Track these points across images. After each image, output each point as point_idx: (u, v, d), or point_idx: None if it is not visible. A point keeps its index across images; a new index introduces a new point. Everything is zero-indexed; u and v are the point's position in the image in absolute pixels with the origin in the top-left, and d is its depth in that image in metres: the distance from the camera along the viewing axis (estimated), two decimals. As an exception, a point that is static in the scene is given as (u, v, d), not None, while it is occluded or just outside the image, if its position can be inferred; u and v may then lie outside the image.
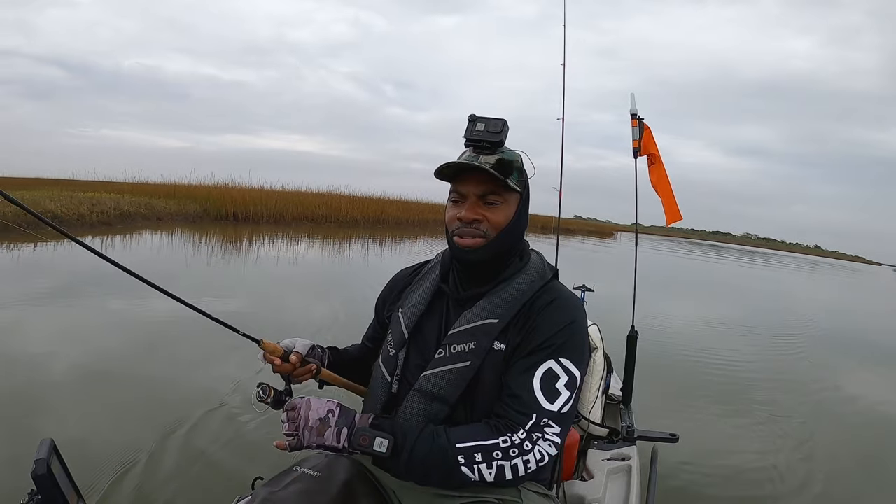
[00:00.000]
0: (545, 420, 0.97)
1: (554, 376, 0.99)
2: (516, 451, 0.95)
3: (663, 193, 2.63)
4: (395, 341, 1.14)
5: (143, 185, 17.08)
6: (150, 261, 7.75)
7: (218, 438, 2.51)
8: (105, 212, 11.24)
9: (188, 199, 14.79)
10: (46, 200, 10.67)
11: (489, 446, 0.95)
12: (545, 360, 1.00)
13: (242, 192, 16.17)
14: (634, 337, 2.53)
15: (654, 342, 5.17)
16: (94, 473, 2.07)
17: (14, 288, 5.09)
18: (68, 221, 10.06)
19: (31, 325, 4.09)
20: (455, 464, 0.94)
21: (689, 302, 9.59)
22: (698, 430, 3.17)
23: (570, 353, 1.01)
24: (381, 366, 1.15)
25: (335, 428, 0.96)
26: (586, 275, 3.68)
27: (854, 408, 4.15)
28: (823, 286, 19.92)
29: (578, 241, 26.65)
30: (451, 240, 1.08)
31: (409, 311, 1.16)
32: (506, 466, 0.95)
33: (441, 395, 1.03)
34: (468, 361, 1.03)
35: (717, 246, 57.19)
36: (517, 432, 0.96)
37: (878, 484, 2.87)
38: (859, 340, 7.49)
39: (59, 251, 7.27)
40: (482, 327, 1.04)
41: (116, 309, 4.69)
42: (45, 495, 0.77)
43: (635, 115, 2.56)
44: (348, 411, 0.99)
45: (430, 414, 1.03)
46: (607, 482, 1.65)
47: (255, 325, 1.32)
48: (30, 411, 2.63)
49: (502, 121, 1.06)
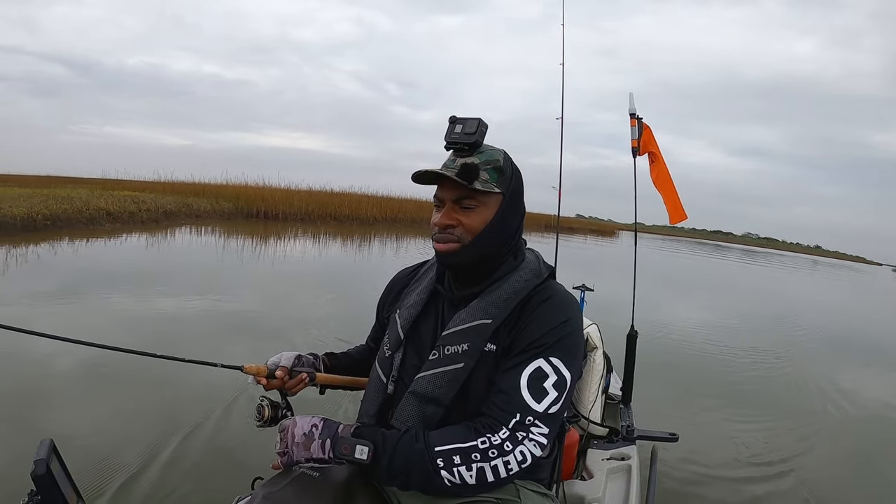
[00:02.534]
0: (530, 419, 0.96)
1: (542, 375, 0.98)
2: (496, 452, 0.94)
3: (665, 192, 2.62)
4: (391, 342, 1.15)
5: (172, 184, 18.33)
6: (204, 253, 9.27)
7: (218, 438, 2.52)
8: (151, 209, 12.30)
9: (219, 198, 15.99)
10: (97, 199, 11.61)
11: (467, 448, 0.94)
12: (534, 358, 0.99)
13: (272, 192, 17.52)
14: (634, 336, 2.53)
15: (654, 342, 5.18)
16: (94, 473, 2.07)
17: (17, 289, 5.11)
18: (122, 218, 11.23)
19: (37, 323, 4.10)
20: (434, 468, 0.93)
21: (689, 301, 9.58)
22: (698, 429, 3.18)
23: (561, 352, 1.00)
24: (378, 367, 1.16)
25: (319, 440, 0.97)
26: (587, 274, 3.68)
27: (855, 408, 4.15)
28: (824, 286, 19.90)
29: (581, 239, 26.72)
30: (434, 245, 1.10)
31: (405, 312, 1.16)
32: (486, 468, 0.93)
33: (435, 396, 1.03)
34: (461, 363, 1.03)
35: (719, 245, 57.16)
36: (498, 432, 0.95)
37: (878, 484, 2.87)
38: (860, 341, 7.49)
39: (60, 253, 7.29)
40: (476, 328, 1.04)
41: (120, 307, 4.69)
42: (45, 495, 0.77)
43: (634, 114, 2.56)
44: (332, 423, 1.00)
45: (424, 416, 1.03)
46: (607, 482, 1.65)
47: (295, 311, 1.32)
48: (31, 411, 2.64)
49: (477, 120, 1.04)
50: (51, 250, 7.62)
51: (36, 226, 9.03)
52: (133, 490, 2.04)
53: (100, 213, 10.86)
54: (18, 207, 9.00)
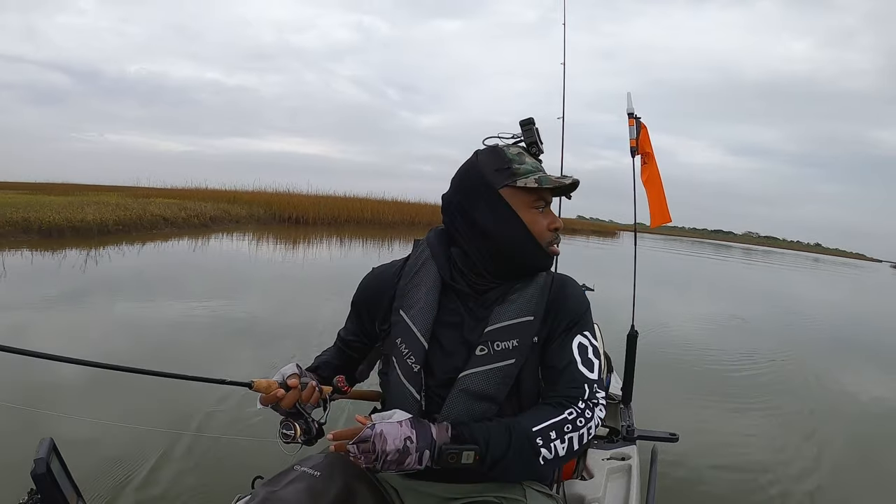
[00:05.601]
0: (595, 388, 1.04)
1: (585, 348, 1.06)
2: (583, 421, 1.00)
3: (652, 193, 2.61)
4: (415, 355, 1.07)
5: (202, 191, 19.89)
6: (262, 253, 10.58)
7: (218, 438, 2.52)
8: (199, 215, 13.81)
9: (252, 204, 17.57)
10: (152, 206, 13.12)
11: (560, 422, 0.99)
12: (574, 336, 1.07)
13: (300, 199, 19.28)
14: (634, 336, 2.52)
15: (654, 342, 5.17)
16: (94, 473, 2.07)
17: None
18: (176, 223, 12.65)
19: (41, 326, 4.11)
20: (536, 449, 0.96)
21: (689, 301, 9.58)
22: (698, 429, 3.17)
23: (589, 326, 1.10)
24: (406, 383, 1.07)
25: (416, 454, 0.92)
26: (589, 273, 3.68)
27: (856, 407, 4.15)
28: (825, 283, 19.87)
29: (583, 240, 26.83)
30: (546, 249, 1.10)
31: (418, 316, 1.08)
32: (574, 437, 0.99)
33: (489, 393, 1.02)
34: (513, 359, 1.04)
35: (719, 245, 57.14)
36: (576, 404, 1.01)
37: (879, 483, 2.87)
38: (862, 339, 7.48)
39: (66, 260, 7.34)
40: (522, 325, 1.05)
41: (126, 312, 4.70)
42: (45, 495, 0.77)
43: (632, 114, 2.55)
44: (424, 432, 0.94)
45: (475, 413, 1.02)
46: (607, 482, 1.65)
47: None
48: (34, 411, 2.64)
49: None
50: (132, 250, 9.11)
51: (109, 230, 10.40)
52: (133, 489, 2.04)
53: (156, 218, 12.21)
54: (92, 215, 10.45)
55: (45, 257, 7.67)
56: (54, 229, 9.55)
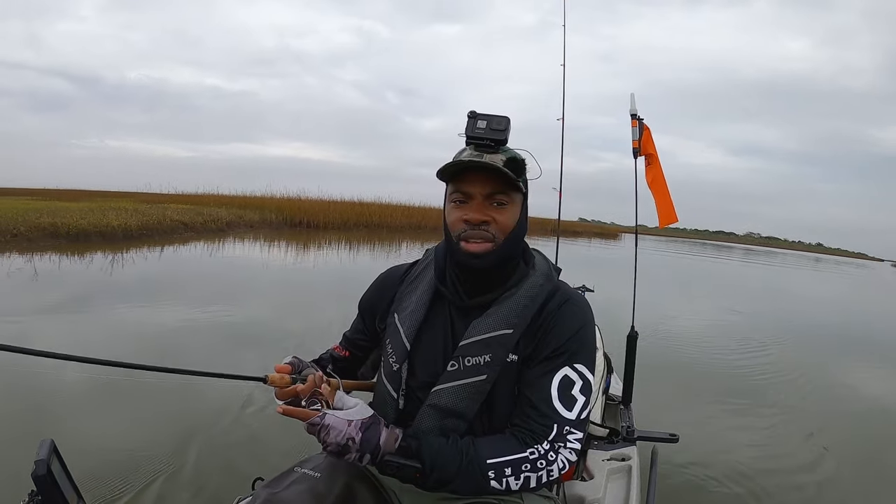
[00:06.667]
0: (566, 428, 0.97)
1: (570, 383, 0.98)
2: (543, 463, 0.95)
3: (658, 194, 2.62)
4: (396, 354, 1.07)
5: (213, 196, 20.06)
6: (276, 256, 10.83)
7: (218, 439, 2.52)
8: (216, 220, 14.25)
9: (264, 209, 17.88)
10: (169, 211, 13.56)
11: (519, 460, 0.94)
12: (561, 367, 0.98)
13: (311, 203, 19.56)
14: (634, 337, 2.53)
15: (654, 342, 5.17)
16: (95, 473, 2.07)
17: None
18: (195, 228, 13.01)
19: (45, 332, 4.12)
20: (486, 479, 0.93)
21: (690, 301, 9.56)
22: (698, 430, 3.17)
23: (583, 357, 1.00)
24: (386, 382, 1.08)
25: (356, 454, 0.91)
26: (589, 273, 3.68)
27: (856, 407, 4.13)
28: (825, 284, 19.83)
29: (585, 242, 26.83)
30: (457, 245, 1.00)
31: (407, 318, 1.08)
32: (532, 477, 0.95)
33: (458, 410, 0.99)
34: (484, 375, 0.99)
35: (721, 245, 57.06)
36: (541, 443, 0.96)
37: (879, 483, 2.86)
38: (863, 338, 7.45)
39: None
40: (497, 339, 1.00)
41: (131, 316, 4.71)
42: (45, 496, 0.76)
43: (635, 115, 2.55)
44: (370, 436, 0.91)
45: (445, 429, 0.99)
46: (607, 482, 1.65)
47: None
48: (35, 412, 2.65)
49: (506, 118, 0.99)
50: (156, 254, 9.36)
51: (132, 234, 10.73)
52: (134, 490, 2.04)
53: (176, 223, 12.54)
54: (114, 220, 10.84)
55: (76, 261, 7.84)
56: (81, 234, 9.85)
